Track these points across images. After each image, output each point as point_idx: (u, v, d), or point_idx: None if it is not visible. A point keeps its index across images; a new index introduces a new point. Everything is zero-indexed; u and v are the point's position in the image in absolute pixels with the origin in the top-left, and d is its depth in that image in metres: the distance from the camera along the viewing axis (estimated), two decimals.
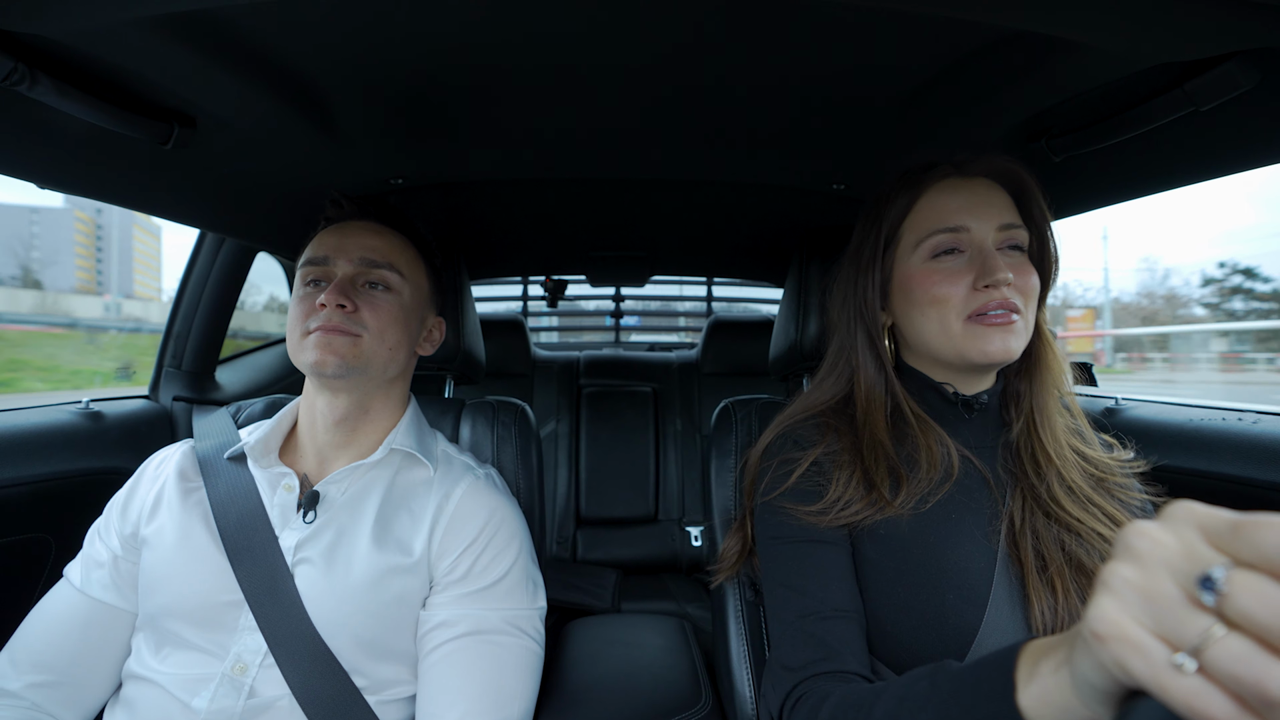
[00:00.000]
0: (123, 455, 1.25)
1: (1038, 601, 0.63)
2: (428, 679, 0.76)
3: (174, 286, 1.56)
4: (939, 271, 0.71)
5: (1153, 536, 0.30)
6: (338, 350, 0.78)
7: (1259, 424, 1.03)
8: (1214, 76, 0.67)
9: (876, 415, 0.75)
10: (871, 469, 0.71)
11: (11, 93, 0.69)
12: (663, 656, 1.08)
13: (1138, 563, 0.30)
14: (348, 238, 0.84)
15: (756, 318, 2.51)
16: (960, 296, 0.69)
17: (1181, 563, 0.28)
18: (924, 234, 0.73)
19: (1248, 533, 0.27)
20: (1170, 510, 0.31)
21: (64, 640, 0.77)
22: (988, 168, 0.74)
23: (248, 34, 0.70)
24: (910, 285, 0.73)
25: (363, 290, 0.83)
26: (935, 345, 0.72)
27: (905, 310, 0.75)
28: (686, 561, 2.17)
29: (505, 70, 0.80)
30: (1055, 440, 0.73)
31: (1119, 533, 0.32)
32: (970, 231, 0.70)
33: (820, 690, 0.60)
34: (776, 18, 0.67)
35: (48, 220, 20.99)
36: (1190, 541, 0.29)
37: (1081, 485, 0.71)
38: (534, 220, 1.60)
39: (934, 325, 0.71)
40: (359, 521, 0.80)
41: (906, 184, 0.76)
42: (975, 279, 0.69)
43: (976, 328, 0.69)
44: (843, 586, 0.68)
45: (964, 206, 0.71)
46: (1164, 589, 0.28)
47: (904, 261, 0.75)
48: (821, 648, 0.64)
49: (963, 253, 0.71)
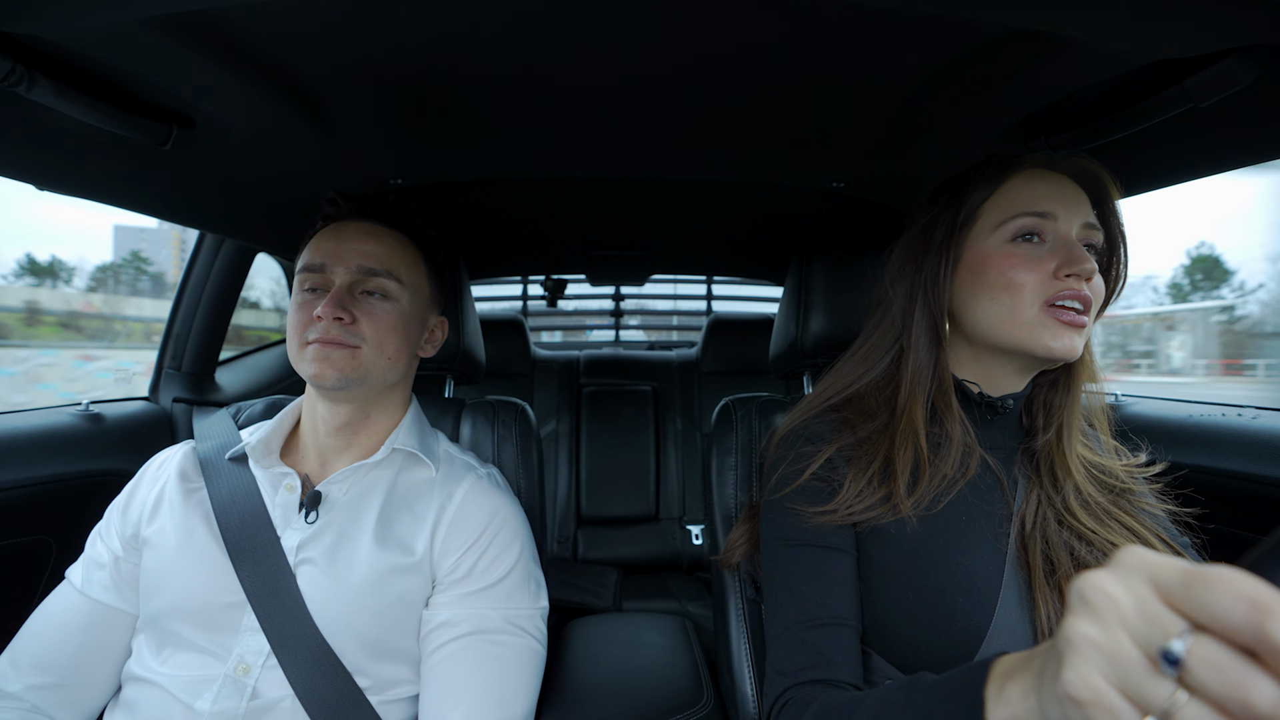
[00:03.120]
0: (123, 457, 1.25)
1: (1044, 605, 0.63)
2: (431, 679, 0.76)
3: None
4: (1018, 255, 0.69)
5: (1107, 592, 0.30)
6: (336, 364, 0.78)
7: (1258, 419, 1.03)
8: (1212, 73, 0.67)
9: (918, 399, 0.73)
10: (897, 457, 0.70)
11: (10, 94, 0.68)
12: (664, 655, 1.08)
13: (1097, 620, 0.30)
14: (345, 243, 0.83)
15: (756, 316, 2.51)
16: (1037, 282, 0.67)
17: (1139, 624, 0.28)
18: (1008, 215, 0.70)
19: (1198, 592, 0.27)
20: (1121, 558, 0.31)
21: (65, 642, 0.77)
22: (1073, 166, 0.72)
23: (246, 34, 0.70)
24: (985, 266, 0.71)
25: (360, 299, 0.82)
26: (998, 332, 0.70)
27: (972, 293, 0.72)
28: (687, 560, 2.17)
29: (505, 70, 0.80)
30: (1075, 455, 0.72)
31: (1075, 582, 0.31)
32: (1057, 220, 0.68)
33: (807, 696, 0.61)
34: (776, 17, 0.67)
35: (152, 238, 22.29)
36: (1144, 599, 0.29)
37: (1098, 498, 0.70)
38: (533, 220, 1.59)
39: (1003, 310, 0.69)
40: (361, 521, 0.80)
41: (991, 167, 0.73)
42: (1057, 267, 0.67)
43: (1049, 320, 0.67)
44: (843, 594, 0.68)
45: (1052, 195, 0.69)
46: (1127, 651, 0.28)
47: (979, 242, 0.72)
48: (816, 654, 0.64)
49: (1044, 241, 0.69)
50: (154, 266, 23.44)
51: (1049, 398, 0.75)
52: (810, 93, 0.87)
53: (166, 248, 19.11)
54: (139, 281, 6.93)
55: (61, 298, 7.53)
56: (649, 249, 1.95)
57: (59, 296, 7.66)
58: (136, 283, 8.27)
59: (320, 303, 0.78)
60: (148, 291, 16.60)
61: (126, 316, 6.30)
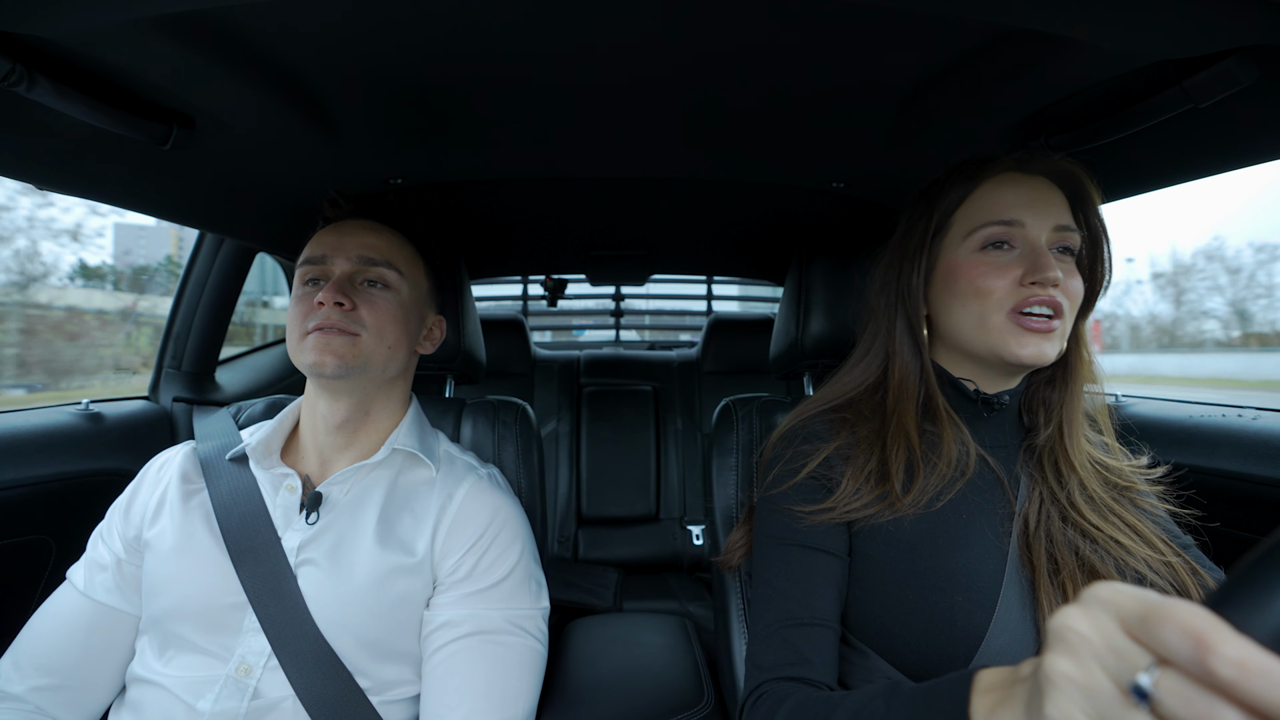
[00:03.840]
0: (123, 457, 1.25)
1: (1048, 604, 0.63)
2: (432, 679, 0.76)
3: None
4: (986, 263, 0.70)
5: (1078, 629, 0.31)
6: (336, 350, 0.78)
7: (1259, 420, 1.03)
8: (1212, 74, 0.67)
9: (908, 404, 0.74)
10: (891, 458, 0.71)
11: (10, 94, 0.68)
12: (664, 655, 1.08)
13: (1072, 657, 0.31)
14: (345, 236, 0.84)
15: (757, 317, 2.51)
16: (1004, 290, 0.68)
17: (1109, 658, 0.30)
18: (976, 224, 0.71)
19: (1154, 627, 0.28)
20: (1087, 594, 0.32)
21: (68, 643, 0.77)
22: (1048, 167, 0.72)
23: (246, 35, 0.70)
24: (955, 275, 0.72)
25: (361, 288, 0.83)
26: (970, 338, 0.71)
27: (945, 300, 0.74)
28: (688, 560, 2.17)
29: (504, 70, 0.80)
30: (1080, 450, 0.73)
31: (1051, 620, 0.33)
32: (1025, 227, 0.69)
33: (781, 691, 0.62)
34: (777, 17, 0.67)
35: (151, 235, 22.36)
36: (1110, 633, 0.30)
37: (1102, 495, 0.70)
38: (533, 219, 1.60)
39: (973, 318, 0.70)
40: (362, 522, 0.80)
41: (963, 173, 0.74)
42: (1023, 274, 0.67)
43: (1015, 327, 0.68)
44: (827, 595, 0.68)
45: (1021, 201, 0.70)
46: (1101, 686, 0.29)
47: (951, 251, 0.73)
48: (794, 653, 0.65)
49: (1014, 248, 0.70)
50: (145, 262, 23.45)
51: (1046, 395, 0.76)
52: (811, 93, 0.87)
53: (166, 246, 19.09)
54: (172, 283, 6.93)
55: (116, 299, 7.57)
56: (649, 249, 1.95)
57: (113, 299, 7.72)
58: (170, 285, 8.37)
59: (320, 293, 0.79)
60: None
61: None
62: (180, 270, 1.48)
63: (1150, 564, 0.65)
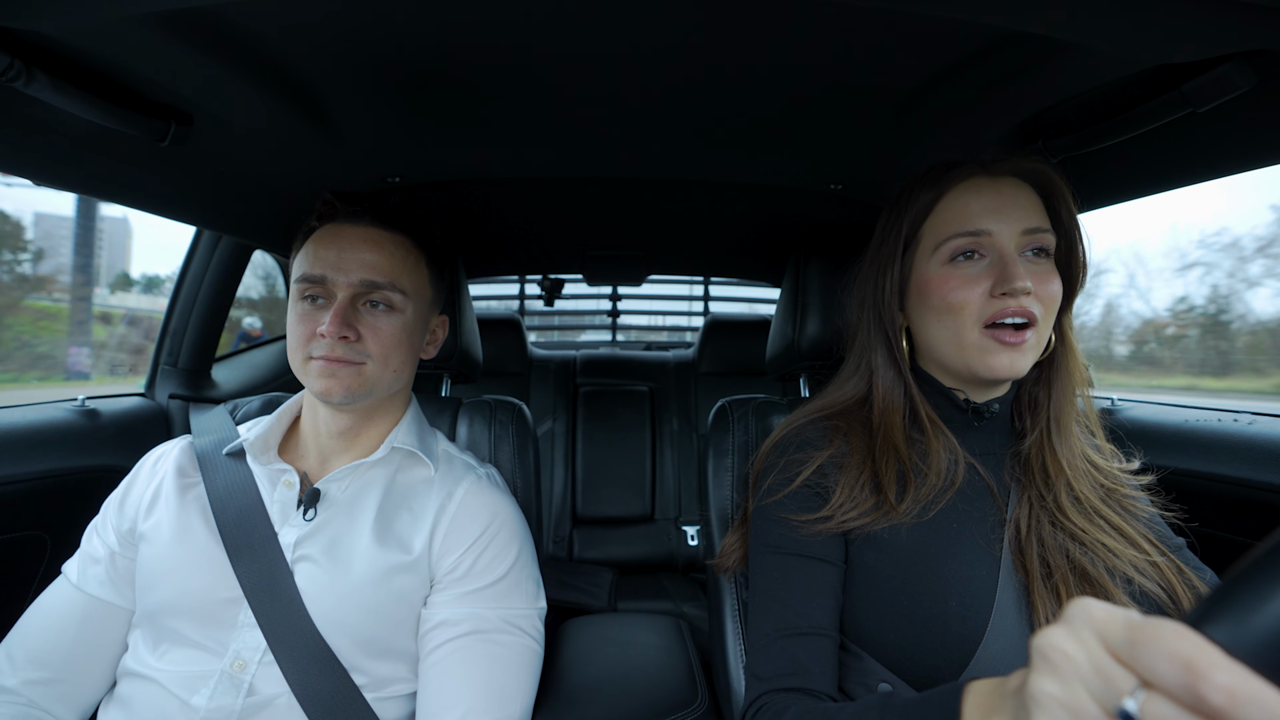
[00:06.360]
0: (118, 453, 1.25)
1: (1042, 608, 0.63)
2: (429, 678, 0.76)
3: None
4: (956, 276, 0.69)
5: (1063, 650, 0.31)
6: (343, 380, 0.78)
7: (1254, 424, 1.03)
8: (1211, 78, 0.67)
9: (893, 418, 0.74)
10: (882, 471, 0.71)
11: (8, 89, 0.68)
12: (659, 656, 1.08)
13: (1057, 678, 0.31)
14: (345, 253, 0.80)
15: (753, 318, 2.51)
16: (976, 303, 0.68)
17: (1094, 681, 0.30)
18: (943, 237, 0.70)
19: (1140, 651, 0.28)
20: (1070, 612, 0.32)
21: (61, 637, 0.77)
22: (1015, 167, 0.71)
23: (245, 31, 0.70)
24: (926, 289, 0.72)
25: (364, 311, 0.80)
26: (946, 354, 0.71)
27: (921, 314, 0.73)
28: (683, 561, 2.17)
29: (502, 69, 0.80)
30: (1069, 450, 0.72)
31: (1035, 639, 0.33)
32: (992, 236, 0.68)
33: (780, 703, 0.62)
34: (775, 17, 0.67)
35: (111, 227, 21.54)
36: (1095, 654, 0.30)
37: (1089, 497, 0.71)
38: (531, 219, 1.60)
39: (948, 333, 0.70)
40: (359, 519, 0.80)
41: (929, 183, 0.73)
42: (993, 285, 0.67)
43: (989, 342, 0.67)
44: (824, 604, 0.68)
45: (987, 209, 0.69)
46: (1087, 708, 0.29)
47: (922, 264, 0.73)
48: (793, 663, 0.65)
49: (983, 257, 0.69)
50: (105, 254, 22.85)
51: (1035, 394, 0.75)
52: (811, 95, 0.87)
53: (125, 234, 18.70)
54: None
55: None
56: (646, 249, 1.95)
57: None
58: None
59: (322, 314, 0.77)
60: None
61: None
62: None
63: (1136, 565, 0.66)
